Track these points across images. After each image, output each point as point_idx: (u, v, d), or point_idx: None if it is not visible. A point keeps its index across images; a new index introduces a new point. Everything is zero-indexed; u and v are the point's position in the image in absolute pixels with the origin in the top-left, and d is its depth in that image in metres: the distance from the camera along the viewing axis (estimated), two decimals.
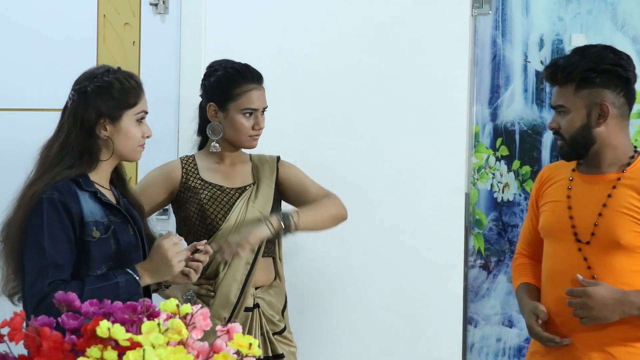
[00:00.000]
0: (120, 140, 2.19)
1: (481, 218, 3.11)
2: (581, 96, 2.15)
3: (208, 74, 2.61)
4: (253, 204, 2.56)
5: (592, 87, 2.14)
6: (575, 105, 2.16)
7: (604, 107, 2.14)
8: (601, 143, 2.17)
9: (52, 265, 2.05)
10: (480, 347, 3.11)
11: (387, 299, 3.08)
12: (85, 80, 2.21)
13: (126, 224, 2.21)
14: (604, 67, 2.14)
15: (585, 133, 2.16)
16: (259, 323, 2.54)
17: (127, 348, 1.30)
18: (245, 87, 2.54)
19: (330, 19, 3.13)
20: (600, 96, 2.14)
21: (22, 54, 3.30)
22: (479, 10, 3.09)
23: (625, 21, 3.06)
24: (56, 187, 2.10)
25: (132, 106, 2.20)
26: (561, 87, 2.19)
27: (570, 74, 2.15)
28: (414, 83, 3.09)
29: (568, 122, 2.18)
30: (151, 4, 3.21)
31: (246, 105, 2.54)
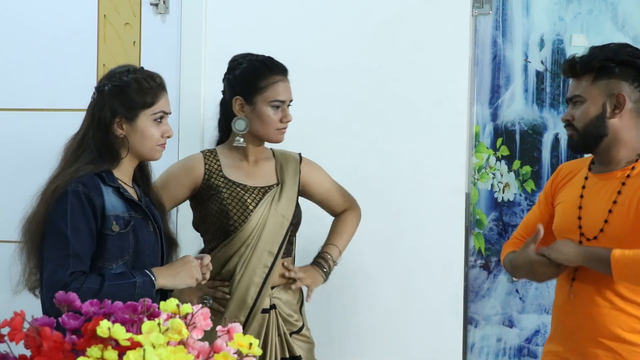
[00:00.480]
0: (136, 139, 2.21)
1: (481, 218, 3.11)
2: (599, 86, 2.17)
3: (232, 67, 2.56)
4: (276, 206, 2.52)
5: (610, 77, 2.16)
6: (592, 95, 2.17)
7: (621, 97, 2.16)
8: (612, 136, 2.18)
9: (74, 255, 2.08)
10: (481, 347, 3.11)
11: (387, 299, 3.08)
12: (106, 79, 2.24)
13: (146, 221, 2.23)
14: (623, 57, 2.17)
15: (598, 123, 2.17)
16: (276, 324, 2.51)
17: (128, 348, 1.30)
18: (272, 78, 2.50)
19: (330, 18, 3.13)
20: (617, 87, 2.16)
21: (23, 53, 3.30)
22: (480, 10, 3.09)
23: (625, 21, 3.06)
24: (81, 180, 2.13)
25: (149, 106, 2.21)
26: (579, 79, 2.21)
27: (589, 63, 2.17)
28: (414, 83, 3.09)
29: (583, 112, 2.19)
30: (151, 3, 3.21)
31: (274, 97, 2.49)
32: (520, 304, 3.08)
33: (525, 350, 3.08)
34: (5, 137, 3.31)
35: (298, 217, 2.59)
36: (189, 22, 3.17)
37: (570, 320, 2.23)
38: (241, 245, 2.48)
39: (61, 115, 3.17)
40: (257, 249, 2.48)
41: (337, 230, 2.70)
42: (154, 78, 2.25)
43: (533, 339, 3.08)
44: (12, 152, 3.29)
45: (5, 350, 1.38)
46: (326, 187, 2.69)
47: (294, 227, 2.57)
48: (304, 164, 2.65)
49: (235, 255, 2.48)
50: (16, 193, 2.39)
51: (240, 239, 2.47)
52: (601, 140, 2.19)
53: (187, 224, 3.16)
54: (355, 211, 2.75)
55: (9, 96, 3.31)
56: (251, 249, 2.48)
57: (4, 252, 2.39)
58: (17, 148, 3.28)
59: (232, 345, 1.38)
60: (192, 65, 3.17)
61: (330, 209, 2.73)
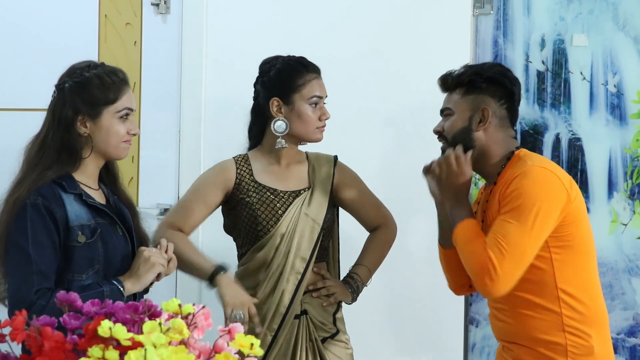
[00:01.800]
0: (101, 137, 2.12)
1: None
2: (467, 100, 2.28)
3: (265, 70, 2.52)
4: (306, 210, 2.47)
5: (478, 93, 2.27)
6: (460, 108, 2.28)
7: (485, 111, 2.25)
8: (479, 149, 2.27)
9: (37, 272, 2.00)
10: (482, 347, 3.11)
11: (388, 299, 3.08)
12: (66, 76, 2.16)
13: (114, 225, 2.16)
14: (490, 74, 2.27)
15: (465, 135, 2.27)
16: (307, 330, 2.46)
17: (129, 348, 1.30)
18: (308, 76, 2.47)
19: (331, 19, 3.13)
20: (484, 102, 2.26)
21: (24, 54, 3.30)
22: (480, 10, 3.09)
23: (626, 21, 3.05)
24: (39, 191, 2.05)
25: (112, 102, 2.12)
26: (450, 93, 2.33)
27: (459, 77, 2.29)
28: (415, 83, 3.09)
29: (451, 124, 2.30)
30: (152, 4, 3.21)
31: (312, 93, 2.46)
32: None
33: None
34: (6, 137, 3.31)
35: (330, 222, 2.53)
36: (190, 22, 3.17)
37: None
38: (273, 251, 2.44)
39: None
40: (289, 255, 2.44)
41: (369, 249, 2.63)
42: (117, 73, 2.16)
43: None
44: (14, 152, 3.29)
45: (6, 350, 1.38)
46: (359, 196, 2.61)
47: (326, 232, 2.51)
48: (338, 167, 2.60)
49: (268, 262, 2.44)
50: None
51: (272, 245, 2.43)
52: (469, 151, 2.26)
53: None
54: (390, 229, 2.66)
55: (10, 96, 3.32)
56: (283, 255, 2.44)
57: None
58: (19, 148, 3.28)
59: (233, 345, 1.38)
60: (193, 65, 3.17)
61: (363, 220, 2.65)
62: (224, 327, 1.42)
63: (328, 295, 2.51)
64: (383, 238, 2.65)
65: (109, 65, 2.20)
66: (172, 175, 3.19)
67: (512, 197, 2.13)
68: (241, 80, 3.16)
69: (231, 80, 3.17)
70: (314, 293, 2.50)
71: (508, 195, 2.14)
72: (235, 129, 3.16)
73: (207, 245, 3.12)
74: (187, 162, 3.18)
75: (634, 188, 3.09)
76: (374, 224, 2.65)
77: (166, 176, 3.19)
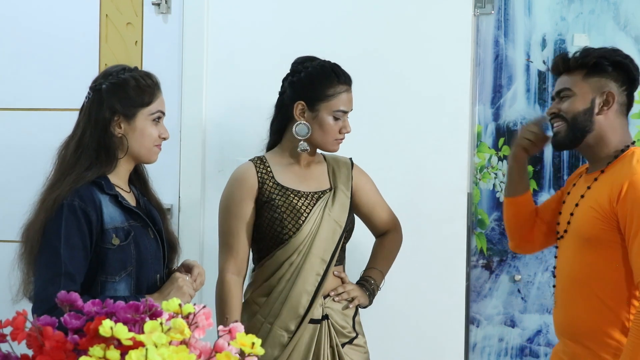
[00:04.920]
0: (135, 138, 2.17)
1: (483, 218, 3.10)
2: (590, 82, 2.22)
3: (297, 70, 2.48)
4: (330, 212, 2.45)
5: (601, 75, 2.22)
6: (582, 90, 2.23)
7: (610, 95, 2.21)
8: (597, 133, 2.22)
9: (65, 274, 2.03)
10: (483, 347, 3.11)
11: (389, 299, 3.07)
12: (101, 78, 2.19)
13: (146, 228, 2.19)
14: (616, 59, 2.23)
15: (586, 117, 2.22)
16: (328, 335, 2.44)
17: (130, 347, 1.30)
18: (339, 87, 2.44)
19: (332, 18, 3.13)
20: (607, 86, 2.22)
21: (25, 53, 3.30)
22: (482, 10, 3.09)
23: (627, 21, 3.05)
24: (78, 192, 2.08)
25: (147, 105, 2.17)
26: (570, 73, 2.26)
27: (585, 59, 2.23)
28: (416, 83, 3.09)
29: (571, 104, 2.24)
30: (153, 3, 3.21)
31: (338, 107, 2.43)
32: (522, 304, 3.08)
33: (527, 350, 3.08)
34: (7, 137, 3.32)
35: (351, 224, 2.53)
36: (191, 22, 3.17)
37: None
38: (293, 252, 2.42)
39: (63, 115, 3.16)
40: (309, 256, 2.42)
41: (381, 253, 2.64)
42: (151, 77, 2.21)
43: (535, 339, 3.08)
44: (14, 152, 3.29)
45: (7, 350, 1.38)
46: (374, 200, 2.62)
47: (346, 234, 2.51)
48: (355, 169, 2.59)
49: (287, 262, 2.42)
50: (18, 193, 2.38)
51: (293, 246, 2.41)
52: (585, 136, 2.23)
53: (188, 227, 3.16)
54: (399, 234, 2.67)
55: (10, 96, 3.32)
56: (303, 256, 2.42)
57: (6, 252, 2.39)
58: (19, 148, 3.29)
59: (234, 344, 1.37)
60: (194, 65, 3.17)
61: (374, 225, 2.65)
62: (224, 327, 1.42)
63: (348, 300, 2.51)
64: (394, 243, 2.66)
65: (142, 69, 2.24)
66: (173, 175, 3.19)
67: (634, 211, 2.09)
68: (242, 80, 3.17)
69: (232, 80, 3.17)
70: (335, 297, 2.48)
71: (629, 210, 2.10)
72: (236, 129, 3.16)
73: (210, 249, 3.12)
74: (188, 162, 3.18)
75: None
76: (385, 228, 2.66)
77: (167, 177, 3.19)
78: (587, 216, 2.20)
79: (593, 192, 2.21)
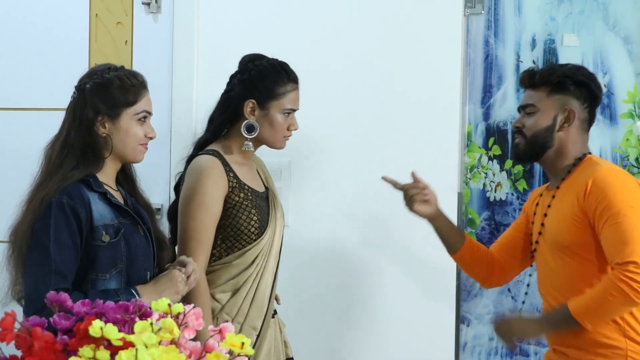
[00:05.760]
0: (119, 138, 2.15)
1: (474, 217, 3.11)
2: (553, 99, 2.33)
3: (247, 68, 2.48)
4: (276, 212, 2.50)
5: (564, 93, 2.32)
6: (546, 107, 2.33)
7: (571, 113, 2.32)
8: (557, 148, 2.33)
9: (55, 272, 2.02)
10: (473, 346, 3.12)
11: (379, 298, 3.08)
12: (86, 77, 2.19)
13: (136, 226, 2.18)
14: (580, 78, 2.34)
15: (547, 134, 2.32)
16: (279, 328, 2.53)
17: (120, 348, 1.30)
18: (289, 86, 2.45)
19: (323, 19, 3.13)
20: (569, 103, 2.32)
21: (14, 53, 3.29)
22: (472, 10, 3.09)
23: (616, 21, 3.06)
24: (66, 190, 2.07)
25: (132, 104, 2.16)
26: (535, 89, 2.36)
27: (549, 77, 2.33)
28: (406, 83, 3.09)
29: (534, 121, 2.34)
30: (143, 3, 3.21)
31: (289, 106, 2.45)
32: (512, 303, 3.09)
33: (517, 349, 3.09)
34: None
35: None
36: (181, 21, 3.17)
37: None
38: (260, 252, 2.43)
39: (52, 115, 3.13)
40: (269, 256, 2.45)
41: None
42: (136, 76, 2.19)
43: None
44: (2, 152, 3.28)
45: None
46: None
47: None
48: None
49: (255, 262, 2.43)
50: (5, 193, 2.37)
51: (260, 246, 2.43)
52: (546, 151, 2.34)
53: None
54: None
55: (0, 95, 3.30)
56: (265, 256, 2.44)
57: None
58: (7, 148, 3.27)
59: (224, 344, 1.37)
60: (184, 64, 3.16)
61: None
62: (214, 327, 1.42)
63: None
64: None
65: (129, 68, 2.23)
66: (163, 175, 3.19)
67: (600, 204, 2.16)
68: None
69: (223, 80, 3.15)
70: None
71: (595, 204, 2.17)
72: None
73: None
74: (179, 162, 3.17)
75: None
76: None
77: (157, 176, 3.18)
78: (559, 222, 2.28)
79: (559, 199, 2.30)
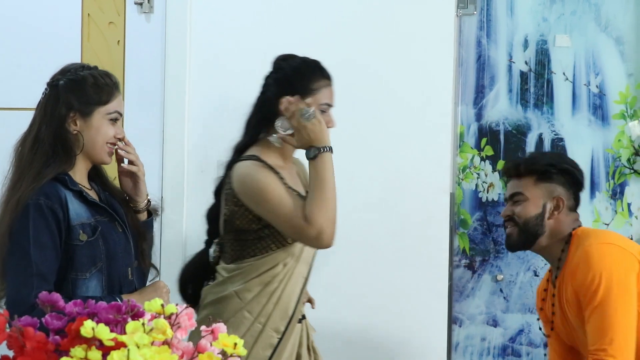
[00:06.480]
0: (89, 136, 2.13)
1: (466, 218, 3.12)
2: (540, 188, 2.38)
3: (280, 66, 2.45)
4: None
5: (550, 181, 2.37)
6: (534, 195, 2.38)
7: (560, 201, 2.37)
8: (548, 234, 2.38)
9: (37, 275, 2.00)
10: (465, 346, 3.12)
11: (371, 298, 3.08)
12: (59, 74, 2.17)
13: (113, 222, 2.17)
14: (564, 166, 2.40)
15: (537, 221, 2.37)
16: (307, 334, 2.49)
17: (112, 348, 1.29)
18: (323, 81, 2.41)
19: (315, 19, 3.13)
20: (556, 191, 2.38)
21: (5, 52, 3.28)
22: (464, 10, 3.10)
23: (608, 22, 3.07)
24: (42, 190, 2.05)
25: (105, 104, 2.14)
26: (521, 178, 2.40)
27: (533, 166, 2.39)
28: (398, 83, 3.09)
29: (524, 209, 2.38)
30: (136, 3, 3.20)
31: (324, 100, 2.40)
32: (504, 304, 3.09)
33: (509, 349, 3.09)
34: None
35: None
36: (173, 21, 3.16)
37: None
38: (291, 254, 2.39)
39: None
40: (300, 259, 2.40)
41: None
42: (110, 76, 2.18)
43: (517, 339, 3.10)
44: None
45: None
46: None
47: None
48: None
49: (282, 262, 2.38)
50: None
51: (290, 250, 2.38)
52: (538, 238, 2.38)
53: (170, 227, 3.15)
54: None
55: None
56: (295, 259, 2.40)
57: None
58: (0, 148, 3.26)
59: (216, 345, 1.37)
60: (176, 64, 3.16)
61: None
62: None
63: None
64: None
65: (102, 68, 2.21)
66: (155, 175, 3.18)
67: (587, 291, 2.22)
68: (225, 80, 3.16)
69: (215, 80, 3.16)
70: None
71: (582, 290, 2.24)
72: (219, 129, 3.15)
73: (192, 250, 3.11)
74: (171, 162, 3.17)
75: (616, 188, 3.11)
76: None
77: (149, 176, 3.15)
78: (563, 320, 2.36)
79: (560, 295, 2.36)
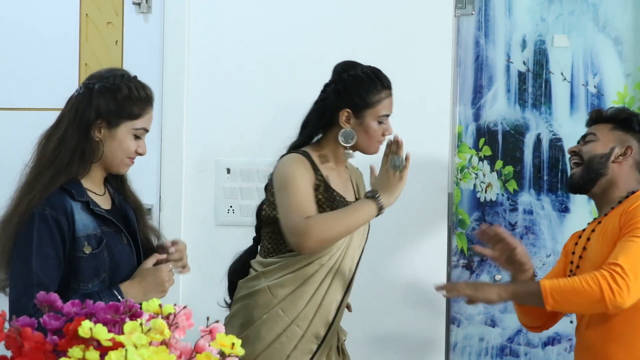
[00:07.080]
0: (112, 147, 2.12)
1: (464, 218, 3.12)
2: (614, 134, 2.44)
3: (341, 77, 2.45)
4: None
5: (626, 131, 2.42)
6: (605, 138, 2.43)
7: (629, 149, 2.41)
8: (609, 179, 2.41)
9: (37, 284, 1.99)
10: (463, 346, 3.12)
11: (370, 299, 3.08)
12: (96, 77, 2.14)
13: (119, 233, 2.15)
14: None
15: (602, 161, 2.41)
16: (337, 336, 2.51)
17: (110, 348, 1.29)
18: (383, 93, 2.44)
19: (314, 19, 3.13)
20: (629, 141, 2.43)
21: (4, 52, 3.28)
22: (462, 10, 3.10)
23: (607, 22, 3.07)
24: (49, 201, 2.04)
25: (133, 118, 2.12)
26: (600, 123, 2.46)
27: (617, 113, 2.46)
28: (397, 83, 3.08)
29: (591, 147, 2.44)
30: (134, 3, 3.20)
31: (383, 112, 2.44)
32: (503, 304, 3.09)
33: (508, 349, 3.10)
34: None
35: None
36: (171, 21, 3.16)
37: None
38: (330, 256, 2.39)
39: (42, 115, 3.14)
40: (342, 265, 2.42)
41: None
42: (145, 89, 2.15)
43: (515, 339, 3.10)
44: None
45: None
46: None
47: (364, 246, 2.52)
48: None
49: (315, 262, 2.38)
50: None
51: (335, 253, 2.39)
52: (599, 179, 2.41)
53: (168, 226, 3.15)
54: None
55: None
56: (338, 265, 2.41)
57: None
58: None
59: (214, 345, 1.37)
60: (174, 64, 3.16)
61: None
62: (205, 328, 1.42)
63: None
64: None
65: (140, 80, 2.17)
66: (153, 175, 3.18)
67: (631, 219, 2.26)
68: (223, 79, 3.17)
69: (213, 80, 3.17)
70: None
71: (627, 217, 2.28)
72: (217, 129, 3.16)
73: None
74: (169, 161, 3.17)
75: None
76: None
77: (148, 176, 3.17)
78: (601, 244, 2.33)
79: (604, 225, 2.36)
